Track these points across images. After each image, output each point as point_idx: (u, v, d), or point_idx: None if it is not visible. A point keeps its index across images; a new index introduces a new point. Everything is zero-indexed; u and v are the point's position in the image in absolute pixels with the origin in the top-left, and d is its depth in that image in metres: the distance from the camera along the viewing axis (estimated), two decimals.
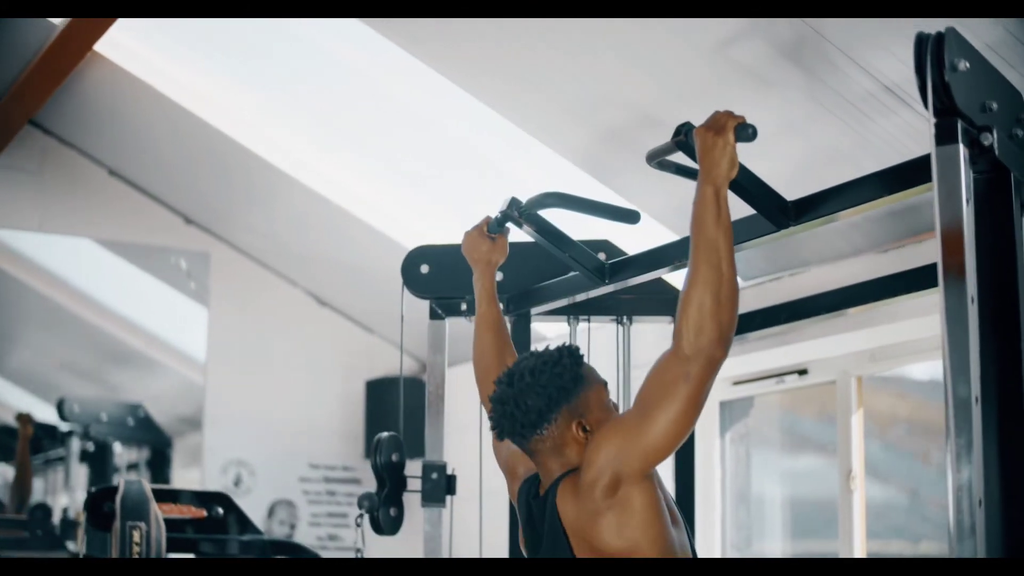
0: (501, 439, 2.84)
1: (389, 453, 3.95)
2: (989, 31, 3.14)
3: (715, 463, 5.36)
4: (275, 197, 6.47)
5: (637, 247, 3.60)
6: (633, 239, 3.93)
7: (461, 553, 4.12)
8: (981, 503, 2.22)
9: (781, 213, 2.90)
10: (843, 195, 2.80)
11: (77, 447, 7.02)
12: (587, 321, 4.06)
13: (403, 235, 6.09)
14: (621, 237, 3.90)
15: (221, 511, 4.70)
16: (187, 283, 7.21)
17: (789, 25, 3.54)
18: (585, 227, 3.61)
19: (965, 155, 2.33)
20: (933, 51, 2.32)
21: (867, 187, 2.74)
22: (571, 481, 2.68)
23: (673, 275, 3.70)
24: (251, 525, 4.77)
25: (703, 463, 5.14)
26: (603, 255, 3.65)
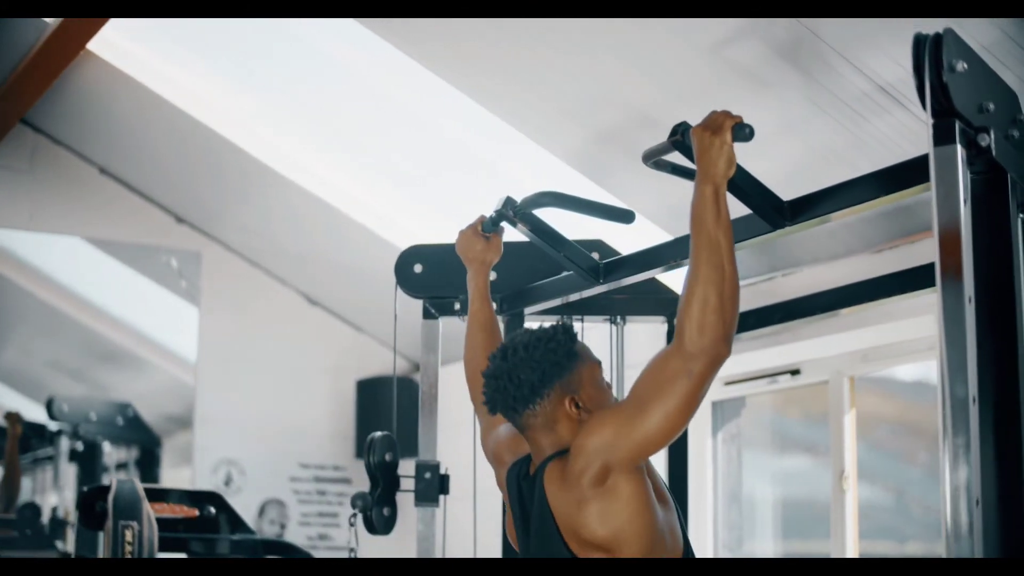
0: (493, 413, 2.84)
1: (382, 453, 3.95)
2: (985, 32, 3.15)
3: (707, 463, 5.37)
4: (267, 196, 6.46)
5: (630, 247, 3.60)
6: (626, 239, 3.93)
7: (454, 553, 4.12)
8: (978, 503, 2.22)
9: (777, 213, 2.90)
10: (839, 195, 2.81)
11: (66, 446, 7.00)
12: (580, 321, 4.06)
13: (395, 234, 6.09)
14: (614, 237, 3.90)
15: (213, 511, 4.69)
16: (178, 282, 7.19)
17: (784, 26, 3.55)
18: (578, 227, 3.61)
19: (963, 156, 2.33)
20: (931, 52, 2.33)
21: (863, 187, 2.74)
22: (559, 465, 2.68)
23: (667, 275, 3.72)
24: (243, 525, 4.76)
25: (695, 463, 5.14)
26: (596, 255, 3.66)
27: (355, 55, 5.00)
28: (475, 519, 4.09)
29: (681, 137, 2.71)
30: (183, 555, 4.67)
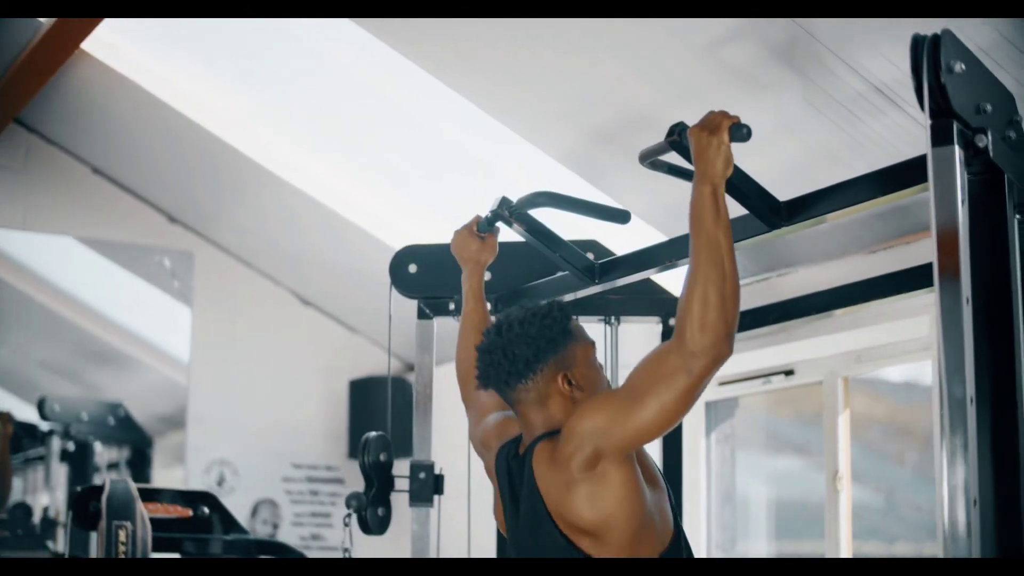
0: (486, 387, 2.85)
1: (377, 453, 3.95)
2: (981, 33, 3.15)
3: (701, 463, 5.37)
4: (260, 196, 6.45)
5: (625, 248, 3.61)
6: (620, 239, 3.93)
7: (449, 553, 4.12)
8: (976, 503, 2.23)
9: (773, 213, 2.90)
10: (836, 196, 2.81)
11: (58, 446, 6.99)
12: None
13: (389, 235, 6.08)
14: (608, 237, 3.90)
15: (207, 511, 4.68)
16: (171, 282, 7.18)
17: (780, 26, 3.55)
18: (572, 227, 3.61)
19: (960, 157, 2.34)
20: (929, 52, 2.33)
21: (860, 188, 2.75)
22: (550, 445, 2.68)
23: (661, 276, 3.71)
24: (236, 525, 4.75)
25: (689, 463, 5.14)
26: (591, 255, 3.66)
27: (349, 55, 4.99)
28: (469, 519, 4.09)
29: (678, 137, 2.71)
30: (176, 555, 4.66)
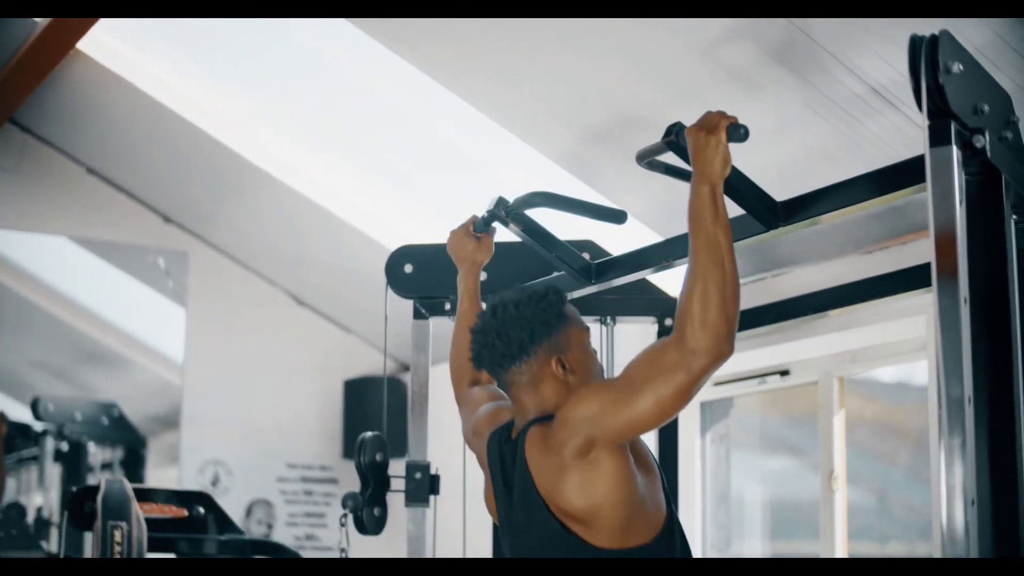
0: (479, 369, 2.87)
1: (373, 453, 3.95)
2: (977, 34, 3.16)
3: (695, 464, 5.37)
4: (255, 196, 6.44)
5: (620, 248, 3.61)
6: (615, 240, 3.93)
7: (445, 553, 4.12)
8: (974, 503, 2.23)
9: (771, 213, 2.91)
10: (833, 196, 2.82)
11: (51, 446, 6.97)
12: None
13: (384, 235, 6.08)
14: (604, 238, 3.90)
15: (202, 511, 4.68)
16: (165, 282, 7.17)
17: (777, 27, 3.55)
18: (569, 227, 3.61)
19: (958, 157, 2.34)
20: (927, 53, 2.34)
21: (858, 188, 2.75)
22: (542, 430, 2.69)
23: (657, 276, 3.72)
24: (232, 525, 4.75)
25: (684, 463, 5.14)
26: (587, 255, 3.66)
27: (345, 55, 4.99)
28: (465, 519, 4.09)
29: (675, 137, 2.72)
30: (172, 555, 4.66)
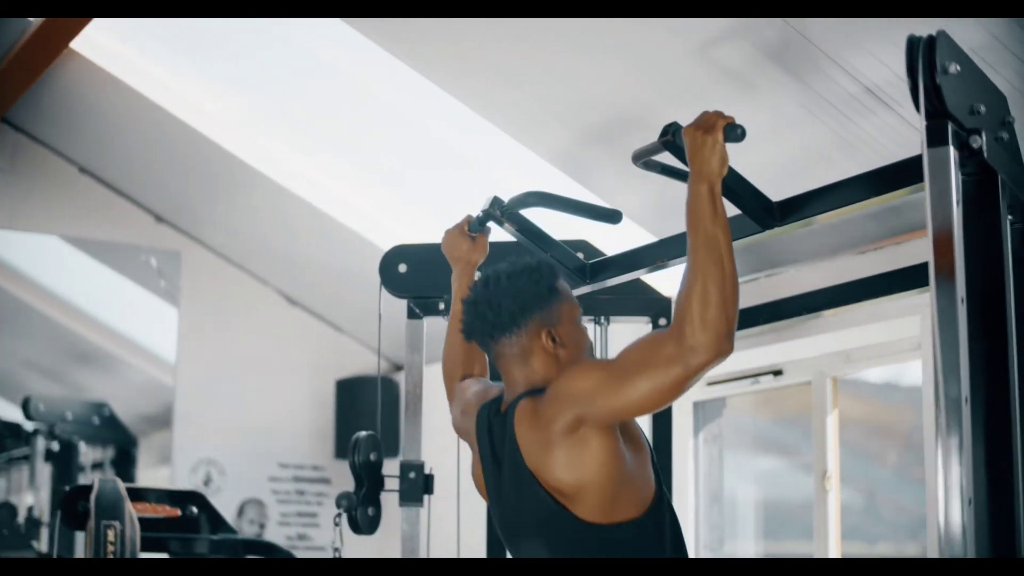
0: (470, 340, 2.87)
1: (367, 452, 3.95)
2: (973, 34, 3.16)
3: (688, 463, 5.37)
4: (247, 196, 6.44)
5: (615, 248, 3.61)
6: (611, 240, 3.93)
7: (439, 553, 4.12)
8: (971, 502, 2.23)
9: (767, 213, 2.91)
10: (829, 196, 2.82)
11: (42, 446, 6.96)
12: None
13: (377, 235, 6.08)
14: (599, 238, 3.90)
15: (195, 510, 4.67)
16: (157, 282, 7.16)
17: (772, 27, 3.55)
18: (563, 227, 3.61)
19: (955, 157, 2.34)
20: (925, 53, 2.34)
21: (854, 188, 2.76)
22: (531, 404, 2.69)
23: (651, 276, 3.72)
24: (225, 525, 4.74)
25: (677, 463, 5.15)
26: (582, 255, 3.66)
27: (339, 54, 4.99)
28: (459, 519, 4.09)
29: (672, 137, 2.71)
30: (165, 555, 4.65)
